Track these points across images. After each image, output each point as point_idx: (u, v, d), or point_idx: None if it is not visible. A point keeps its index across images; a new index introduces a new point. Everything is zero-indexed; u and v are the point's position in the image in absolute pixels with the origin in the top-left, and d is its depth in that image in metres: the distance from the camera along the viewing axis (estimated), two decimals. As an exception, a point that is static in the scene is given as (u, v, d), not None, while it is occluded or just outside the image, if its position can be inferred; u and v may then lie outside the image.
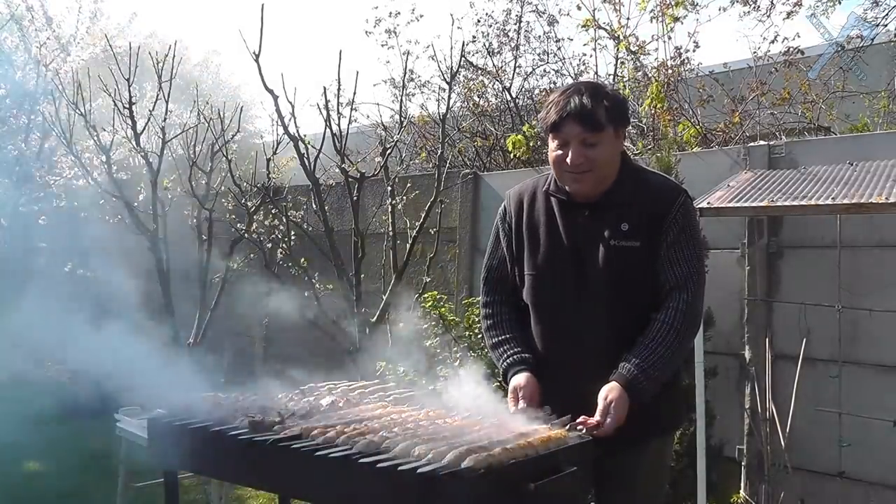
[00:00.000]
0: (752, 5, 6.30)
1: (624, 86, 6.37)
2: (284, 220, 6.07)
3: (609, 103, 2.27)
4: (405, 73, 6.17)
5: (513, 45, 8.03)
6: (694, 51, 6.37)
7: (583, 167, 2.25)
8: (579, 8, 7.05)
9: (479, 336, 5.02)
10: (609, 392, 2.16)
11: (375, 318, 5.46)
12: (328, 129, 5.32)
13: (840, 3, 6.55)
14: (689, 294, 2.25)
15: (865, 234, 4.19)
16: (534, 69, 8.07)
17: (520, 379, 2.33)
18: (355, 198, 5.47)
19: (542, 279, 2.39)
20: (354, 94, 5.37)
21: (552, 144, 2.32)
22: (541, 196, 2.43)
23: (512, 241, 2.47)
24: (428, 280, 5.61)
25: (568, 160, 2.25)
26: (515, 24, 7.99)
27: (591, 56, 7.35)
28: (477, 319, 4.89)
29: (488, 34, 8.08)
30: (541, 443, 1.94)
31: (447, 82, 5.71)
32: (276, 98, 5.10)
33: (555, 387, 2.31)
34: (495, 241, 2.54)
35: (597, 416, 2.13)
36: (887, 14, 6.03)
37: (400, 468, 1.78)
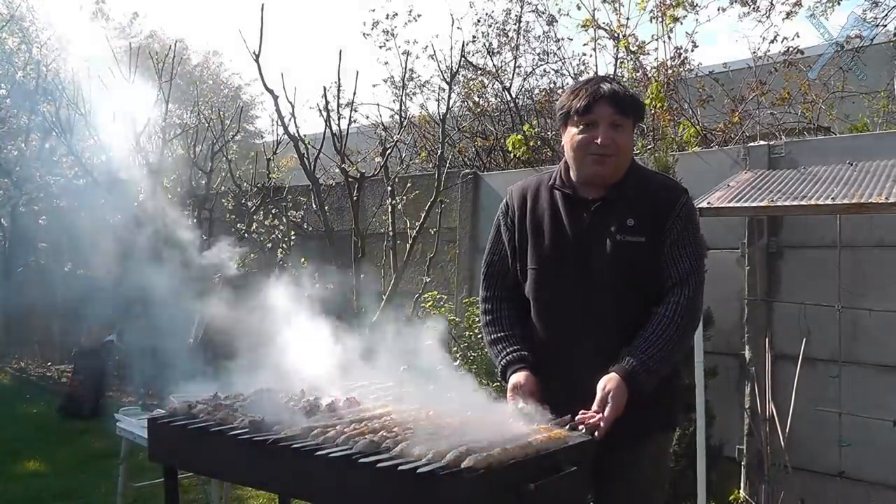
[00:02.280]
0: (752, 6, 6.30)
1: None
2: (284, 220, 6.08)
3: (631, 93, 2.39)
4: (405, 73, 6.18)
5: (513, 44, 8.03)
6: (692, 50, 6.37)
7: (610, 150, 2.29)
8: (579, 8, 7.04)
9: (479, 336, 5.02)
10: (607, 383, 2.17)
11: (375, 317, 5.46)
12: (328, 129, 5.32)
13: (840, 3, 6.56)
14: (689, 290, 2.27)
15: (865, 234, 4.19)
16: (534, 69, 8.08)
17: (519, 377, 2.33)
18: (355, 198, 5.47)
19: (545, 273, 2.39)
20: (354, 94, 5.43)
21: (574, 130, 2.34)
22: (545, 191, 2.43)
23: (514, 236, 2.46)
24: (428, 280, 5.61)
25: (598, 140, 2.28)
26: (515, 23, 8.00)
27: (591, 56, 7.34)
28: (477, 319, 4.90)
29: (488, 34, 8.09)
30: (541, 443, 1.94)
31: (447, 82, 5.71)
32: (276, 98, 5.12)
33: (555, 382, 2.31)
34: (496, 237, 2.54)
35: (594, 407, 2.13)
36: (887, 14, 6.04)
37: (400, 468, 1.78)
